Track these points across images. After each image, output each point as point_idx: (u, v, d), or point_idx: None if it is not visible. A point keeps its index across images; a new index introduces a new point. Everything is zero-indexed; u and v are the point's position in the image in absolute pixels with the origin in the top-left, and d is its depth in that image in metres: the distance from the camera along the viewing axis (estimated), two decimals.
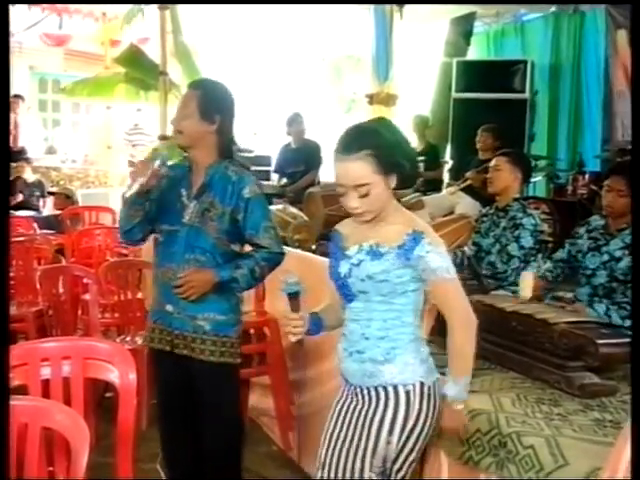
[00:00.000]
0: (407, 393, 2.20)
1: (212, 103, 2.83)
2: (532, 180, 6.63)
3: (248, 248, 2.94)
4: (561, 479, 2.06)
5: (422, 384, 2.22)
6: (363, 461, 2.21)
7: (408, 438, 2.19)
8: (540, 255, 3.69)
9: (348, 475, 2.23)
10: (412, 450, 2.21)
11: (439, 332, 2.87)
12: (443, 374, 2.67)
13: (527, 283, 3.34)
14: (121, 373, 2.35)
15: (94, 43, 11.00)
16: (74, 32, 10.93)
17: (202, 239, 2.80)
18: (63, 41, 11.08)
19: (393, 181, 2.18)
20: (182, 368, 2.89)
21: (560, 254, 3.58)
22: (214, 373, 2.86)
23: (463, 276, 3.13)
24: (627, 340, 2.63)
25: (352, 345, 2.26)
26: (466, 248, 3.86)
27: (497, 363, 2.90)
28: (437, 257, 2.14)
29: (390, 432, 2.19)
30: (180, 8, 7.74)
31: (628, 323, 3.15)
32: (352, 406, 2.30)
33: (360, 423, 2.24)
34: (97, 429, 3.33)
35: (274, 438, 3.99)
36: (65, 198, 8.41)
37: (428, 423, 2.22)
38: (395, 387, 2.20)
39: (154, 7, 6.76)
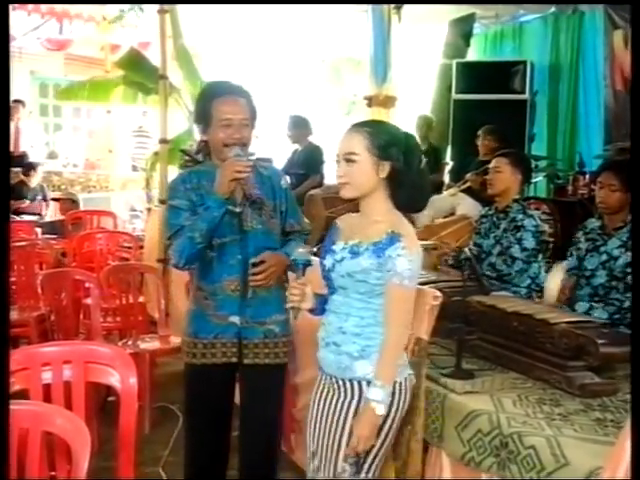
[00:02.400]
0: None
1: (255, 109, 2.83)
2: (533, 180, 6.64)
3: None
4: (562, 479, 2.07)
5: (394, 382, 2.28)
6: (338, 451, 2.30)
7: (380, 430, 2.27)
8: (541, 256, 3.69)
9: (326, 465, 2.32)
10: (384, 442, 2.31)
11: (441, 333, 2.88)
12: (444, 375, 2.69)
13: (553, 285, 3.37)
14: (122, 377, 2.36)
15: (94, 47, 11.00)
16: (74, 37, 10.94)
17: (270, 240, 2.78)
18: (63, 46, 11.08)
19: (384, 170, 2.26)
20: (234, 379, 2.87)
21: (571, 262, 3.58)
22: (276, 375, 2.86)
23: (464, 277, 3.13)
24: (627, 340, 2.63)
25: (329, 336, 2.35)
26: (466, 249, 3.85)
27: (498, 363, 2.90)
28: (406, 263, 2.20)
29: None
30: (180, 12, 7.74)
31: (616, 317, 3.18)
32: (329, 396, 2.38)
33: (337, 415, 2.32)
34: (100, 433, 3.34)
35: None
36: (71, 203, 8.41)
37: (398, 417, 2.32)
38: (368, 383, 2.27)
39: (154, 11, 6.75)
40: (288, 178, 3.09)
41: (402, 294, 2.23)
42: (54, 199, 8.95)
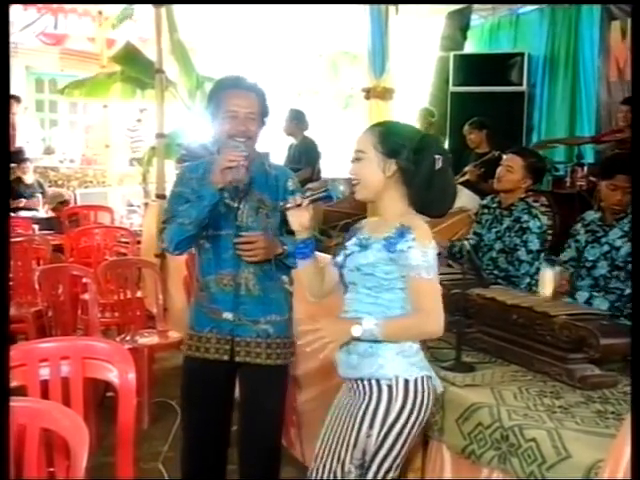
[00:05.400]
0: (389, 387, 2.23)
1: (266, 106, 2.80)
2: None
3: None
4: (564, 472, 2.06)
5: (406, 380, 2.24)
6: (346, 453, 2.27)
7: (388, 433, 2.22)
8: (543, 254, 3.67)
9: (334, 466, 2.31)
10: (393, 446, 2.23)
11: (446, 327, 2.86)
12: (444, 368, 2.68)
13: (547, 280, 3.33)
14: (120, 372, 2.35)
15: (90, 42, 10.97)
16: (70, 31, 10.90)
17: None
18: (59, 41, 11.05)
19: (390, 169, 2.24)
20: (235, 375, 2.85)
21: (569, 253, 3.56)
22: (276, 376, 2.81)
23: (463, 269, 3.12)
24: (628, 331, 2.62)
25: None
26: (465, 242, 3.84)
27: (498, 356, 2.89)
28: (419, 254, 2.17)
29: (370, 425, 2.23)
30: (175, 6, 7.72)
31: (617, 305, 3.16)
32: (346, 401, 2.36)
33: (347, 415, 2.31)
34: (99, 429, 3.33)
35: None
36: (60, 204, 8.34)
37: (412, 420, 2.24)
38: (378, 381, 2.24)
39: (150, 6, 6.73)
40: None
41: (422, 286, 2.19)
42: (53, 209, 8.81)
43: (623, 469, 1.66)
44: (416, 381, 2.25)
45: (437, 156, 2.24)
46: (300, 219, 2.36)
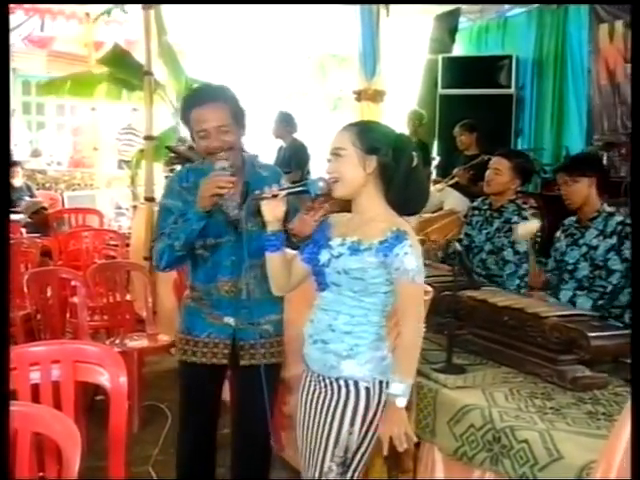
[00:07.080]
0: (367, 389, 2.27)
1: (240, 109, 2.74)
2: None
3: None
4: (556, 473, 2.06)
5: (381, 382, 2.28)
6: (325, 451, 2.29)
7: (369, 429, 2.28)
8: (532, 257, 3.69)
9: (312, 464, 2.32)
10: (371, 441, 2.30)
11: (431, 328, 2.87)
12: (436, 370, 2.68)
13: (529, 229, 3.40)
14: (111, 376, 2.33)
15: (78, 44, 10.91)
16: (57, 34, 10.84)
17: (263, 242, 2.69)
18: (46, 43, 10.99)
19: (370, 165, 2.26)
20: (224, 378, 2.86)
21: (550, 264, 3.59)
22: (272, 374, 2.81)
23: (454, 271, 3.13)
24: (618, 333, 2.64)
25: (318, 334, 2.33)
26: (456, 243, 3.84)
27: (489, 358, 2.90)
28: (414, 260, 2.21)
29: (352, 423, 2.27)
30: (164, 8, 7.69)
31: (600, 303, 3.18)
32: (316, 394, 2.36)
33: (324, 413, 2.31)
34: (89, 432, 3.30)
35: None
36: (37, 213, 8.23)
37: (383, 416, 2.29)
38: (356, 383, 2.27)
39: (139, 8, 6.70)
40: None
41: (413, 290, 2.23)
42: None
43: (615, 470, 1.67)
44: (388, 382, 2.28)
45: (414, 153, 2.30)
46: (274, 210, 2.36)
